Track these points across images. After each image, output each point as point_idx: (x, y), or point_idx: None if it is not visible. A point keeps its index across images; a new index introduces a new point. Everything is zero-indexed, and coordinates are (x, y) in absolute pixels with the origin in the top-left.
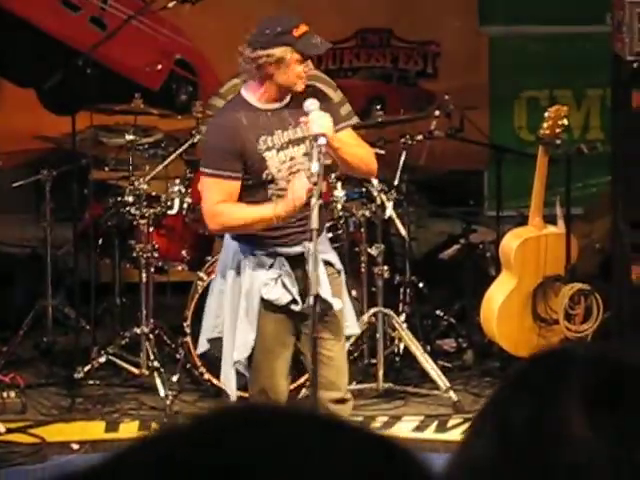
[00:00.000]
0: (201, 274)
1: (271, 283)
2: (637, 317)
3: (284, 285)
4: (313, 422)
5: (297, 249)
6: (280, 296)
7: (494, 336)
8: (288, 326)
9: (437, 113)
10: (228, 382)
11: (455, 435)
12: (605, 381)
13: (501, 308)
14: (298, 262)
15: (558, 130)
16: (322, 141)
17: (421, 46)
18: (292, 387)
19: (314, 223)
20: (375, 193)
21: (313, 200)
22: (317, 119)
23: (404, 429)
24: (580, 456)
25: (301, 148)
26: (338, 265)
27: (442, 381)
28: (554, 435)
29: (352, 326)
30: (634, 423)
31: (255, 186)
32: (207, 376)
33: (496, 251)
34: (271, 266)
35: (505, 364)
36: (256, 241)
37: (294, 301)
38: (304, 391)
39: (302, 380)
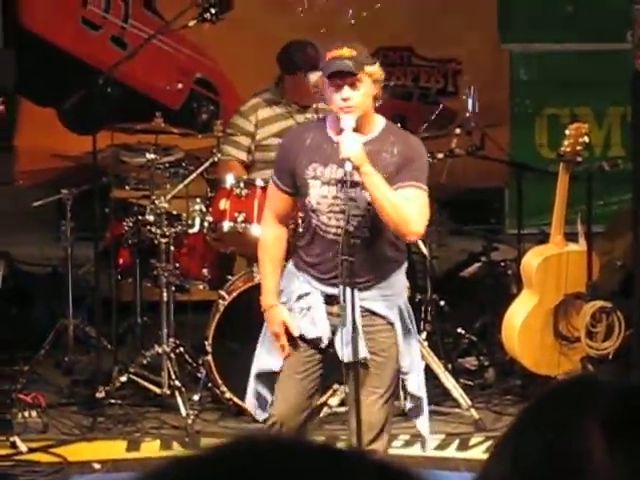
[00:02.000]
0: (222, 293)
1: (299, 313)
2: None
3: (313, 319)
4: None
5: (331, 290)
6: (305, 330)
7: (515, 354)
8: (313, 357)
9: (458, 131)
10: (248, 400)
11: (477, 453)
12: (627, 412)
13: (522, 326)
14: (335, 299)
15: (579, 147)
16: (347, 167)
17: (442, 64)
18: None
19: (343, 252)
20: None
21: (341, 223)
22: (345, 141)
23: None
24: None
25: (350, 191)
26: (390, 317)
27: (464, 399)
28: (573, 467)
29: (413, 383)
30: None
31: (306, 211)
32: (228, 395)
33: (517, 269)
34: (306, 295)
35: (526, 382)
36: (300, 266)
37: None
38: (326, 410)
39: (324, 399)
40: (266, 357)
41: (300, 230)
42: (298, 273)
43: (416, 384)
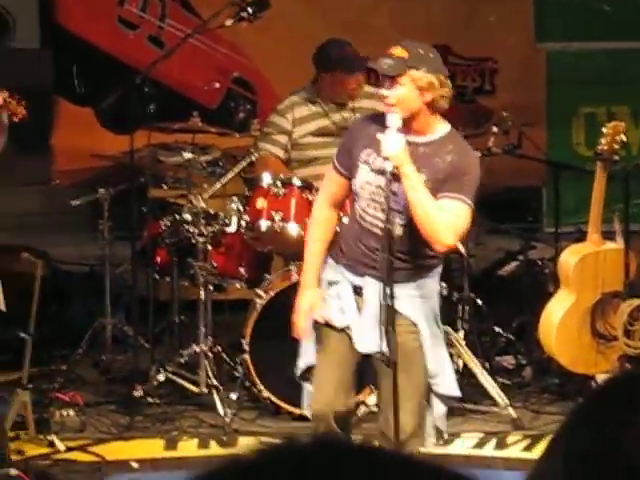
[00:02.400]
0: (259, 292)
1: (328, 301)
2: None
3: (342, 309)
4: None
5: (358, 280)
6: (334, 318)
7: (553, 352)
8: (346, 347)
9: (495, 130)
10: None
11: (514, 452)
12: None
13: (560, 324)
14: (361, 290)
15: (616, 146)
16: (388, 165)
17: (478, 63)
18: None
19: (383, 249)
20: None
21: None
22: (386, 139)
23: (463, 446)
24: None
25: (393, 185)
26: (414, 318)
27: (501, 398)
28: (622, 467)
29: (443, 385)
30: None
31: (355, 194)
32: (266, 394)
33: (554, 267)
34: (335, 283)
35: (564, 381)
36: (336, 254)
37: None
38: (363, 409)
39: (361, 397)
40: (304, 353)
41: (344, 220)
42: (333, 262)
43: (446, 386)
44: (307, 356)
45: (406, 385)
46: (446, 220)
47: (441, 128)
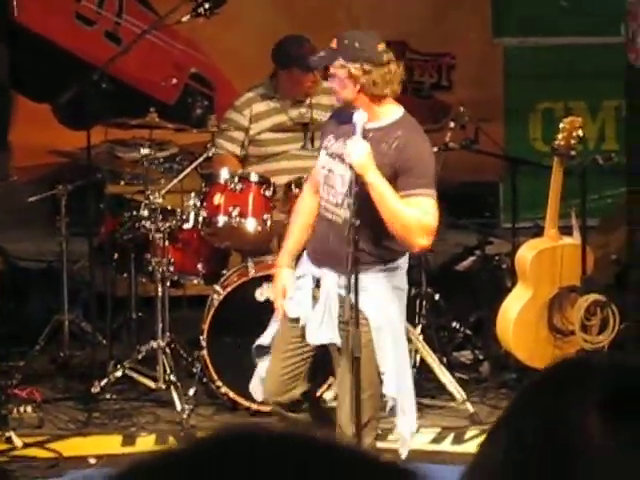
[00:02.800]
0: (217, 288)
1: (290, 293)
2: None
3: (298, 301)
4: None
5: (316, 272)
6: (289, 309)
7: (510, 347)
8: (299, 338)
9: (452, 125)
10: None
11: (472, 447)
12: (625, 389)
13: (517, 319)
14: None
15: (573, 141)
16: (349, 173)
17: (435, 58)
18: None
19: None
20: None
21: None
22: (352, 147)
23: (421, 441)
24: (599, 466)
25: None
26: (365, 312)
27: (459, 393)
28: (571, 444)
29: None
30: None
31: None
32: (224, 390)
33: (512, 263)
34: (300, 277)
35: (521, 375)
36: (308, 245)
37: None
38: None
39: (319, 393)
40: (266, 332)
41: None
42: (304, 256)
43: (392, 386)
44: (264, 336)
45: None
46: (416, 221)
47: (391, 114)
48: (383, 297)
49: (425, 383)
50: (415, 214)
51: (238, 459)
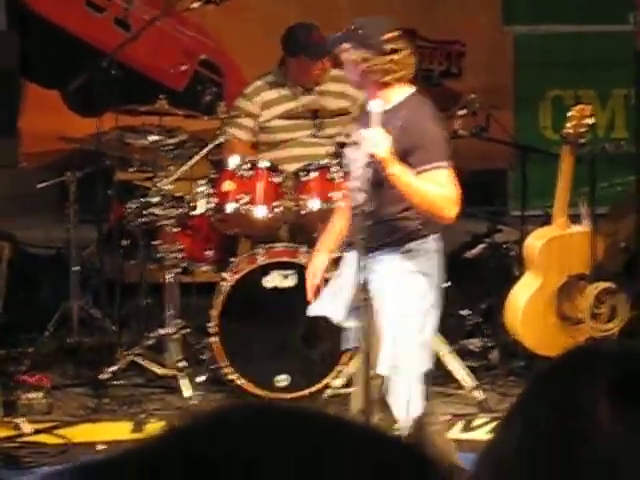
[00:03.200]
0: (225, 275)
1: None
2: None
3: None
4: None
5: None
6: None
7: (518, 335)
8: None
9: (462, 112)
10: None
11: (481, 434)
12: (635, 375)
13: (526, 307)
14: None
15: (583, 129)
16: (368, 163)
17: (445, 45)
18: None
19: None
20: None
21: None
22: (369, 136)
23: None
24: (609, 451)
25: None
26: (373, 294)
27: (468, 380)
28: (582, 430)
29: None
30: None
31: None
32: (233, 377)
33: (520, 251)
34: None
35: (530, 363)
36: None
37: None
38: (329, 391)
39: (327, 380)
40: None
41: None
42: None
43: (383, 366)
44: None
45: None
46: (439, 196)
47: (398, 97)
48: (394, 280)
49: (434, 371)
50: (435, 190)
51: (238, 429)
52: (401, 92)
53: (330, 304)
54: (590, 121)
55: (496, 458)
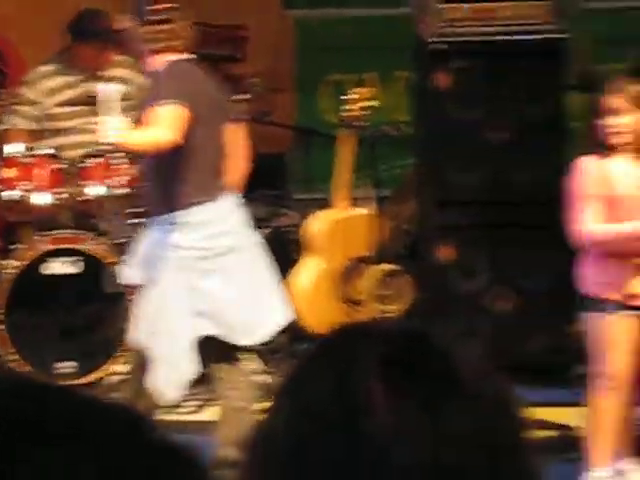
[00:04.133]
0: (8, 262)
1: None
2: (443, 296)
3: None
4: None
5: None
6: None
7: (301, 318)
8: None
9: (244, 97)
10: None
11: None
12: (404, 351)
13: (308, 290)
14: None
15: (363, 112)
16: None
17: (228, 30)
18: None
19: None
20: None
21: None
22: (106, 126)
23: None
24: (385, 426)
25: None
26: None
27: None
28: (357, 406)
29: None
30: (434, 391)
31: None
32: (21, 365)
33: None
34: None
35: None
36: None
37: None
38: (114, 377)
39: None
40: None
41: None
42: None
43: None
44: None
45: None
46: (153, 131)
47: (165, 63)
48: (156, 253)
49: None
50: (154, 124)
51: None
52: (170, 59)
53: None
54: (371, 104)
55: (264, 442)
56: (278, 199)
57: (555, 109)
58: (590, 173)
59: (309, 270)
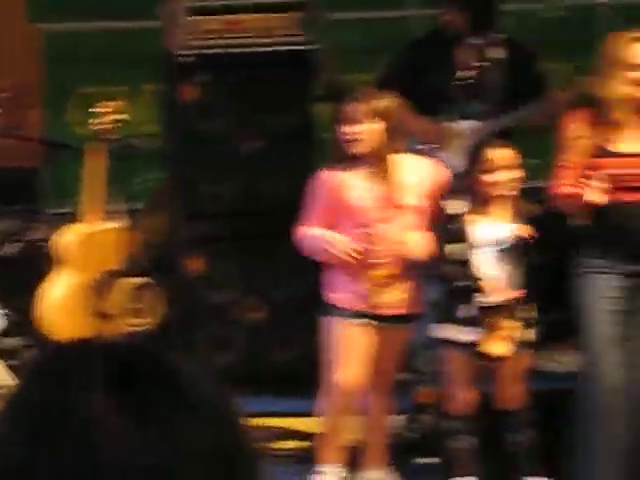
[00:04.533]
0: None
1: None
2: (194, 309)
3: None
4: None
5: None
6: None
7: (51, 333)
8: None
9: None
10: None
11: None
12: (125, 366)
13: (59, 304)
14: None
15: (113, 125)
16: None
17: None
18: None
19: None
20: None
21: None
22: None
23: None
24: (110, 437)
25: None
26: None
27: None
28: (83, 419)
29: None
30: (156, 405)
31: None
32: None
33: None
34: None
35: None
36: None
37: None
38: None
39: None
40: None
41: None
42: None
43: None
44: None
45: None
46: None
47: None
48: None
49: None
50: None
51: None
52: None
53: None
54: (121, 117)
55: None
56: (29, 213)
57: (303, 119)
58: (324, 183)
59: (60, 284)
